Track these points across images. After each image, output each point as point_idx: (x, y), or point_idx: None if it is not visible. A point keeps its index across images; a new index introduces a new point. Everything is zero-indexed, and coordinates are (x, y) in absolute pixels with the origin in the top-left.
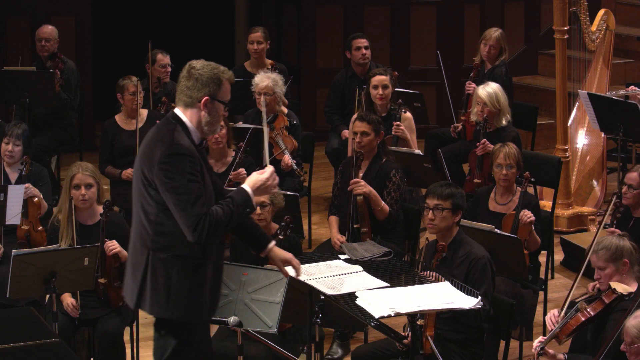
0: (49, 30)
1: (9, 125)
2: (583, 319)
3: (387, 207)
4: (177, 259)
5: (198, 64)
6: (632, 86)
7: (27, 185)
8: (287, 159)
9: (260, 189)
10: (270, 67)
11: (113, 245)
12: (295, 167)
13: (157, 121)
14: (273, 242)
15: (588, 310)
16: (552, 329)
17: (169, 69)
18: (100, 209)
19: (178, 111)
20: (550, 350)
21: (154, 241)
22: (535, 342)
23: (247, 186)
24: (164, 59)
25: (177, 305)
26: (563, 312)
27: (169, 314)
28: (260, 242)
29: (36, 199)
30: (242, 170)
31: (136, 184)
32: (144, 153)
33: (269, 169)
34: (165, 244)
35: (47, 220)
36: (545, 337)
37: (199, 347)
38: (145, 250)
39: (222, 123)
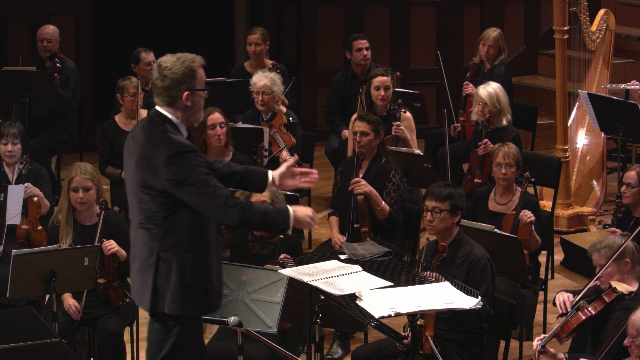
0: (50, 30)
1: (4, 125)
2: (584, 317)
3: (387, 207)
4: (185, 253)
5: (167, 62)
6: (634, 80)
7: (27, 184)
8: (285, 155)
9: (299, 219)
10: (271, 67)
11: (111, 245)
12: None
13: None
14: (269, 173)
15: (589, 309)
16: (560, 310)
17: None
18: (98, 209)
19: (161, 109)
20: (551, 349)
21: (161, 242)
22: (536, 341)
23: (292, 210)
24: (147, 56)
25: (193, 299)
26: (578, 298)
27: (187, 309)
28: (259, 180)
29: (36, 198)
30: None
31: (134, 189)
32: (141, 158)
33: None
34: (173, 242)
35: (48, 220)
36: (545, 336)
37: (197, 341)
38: (154, 252)
39: (223, 121)
